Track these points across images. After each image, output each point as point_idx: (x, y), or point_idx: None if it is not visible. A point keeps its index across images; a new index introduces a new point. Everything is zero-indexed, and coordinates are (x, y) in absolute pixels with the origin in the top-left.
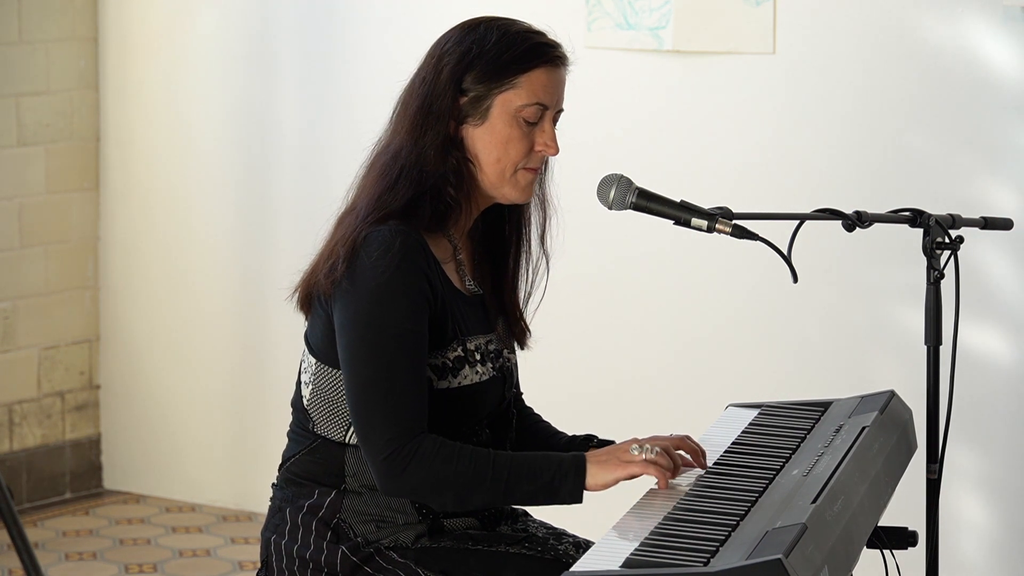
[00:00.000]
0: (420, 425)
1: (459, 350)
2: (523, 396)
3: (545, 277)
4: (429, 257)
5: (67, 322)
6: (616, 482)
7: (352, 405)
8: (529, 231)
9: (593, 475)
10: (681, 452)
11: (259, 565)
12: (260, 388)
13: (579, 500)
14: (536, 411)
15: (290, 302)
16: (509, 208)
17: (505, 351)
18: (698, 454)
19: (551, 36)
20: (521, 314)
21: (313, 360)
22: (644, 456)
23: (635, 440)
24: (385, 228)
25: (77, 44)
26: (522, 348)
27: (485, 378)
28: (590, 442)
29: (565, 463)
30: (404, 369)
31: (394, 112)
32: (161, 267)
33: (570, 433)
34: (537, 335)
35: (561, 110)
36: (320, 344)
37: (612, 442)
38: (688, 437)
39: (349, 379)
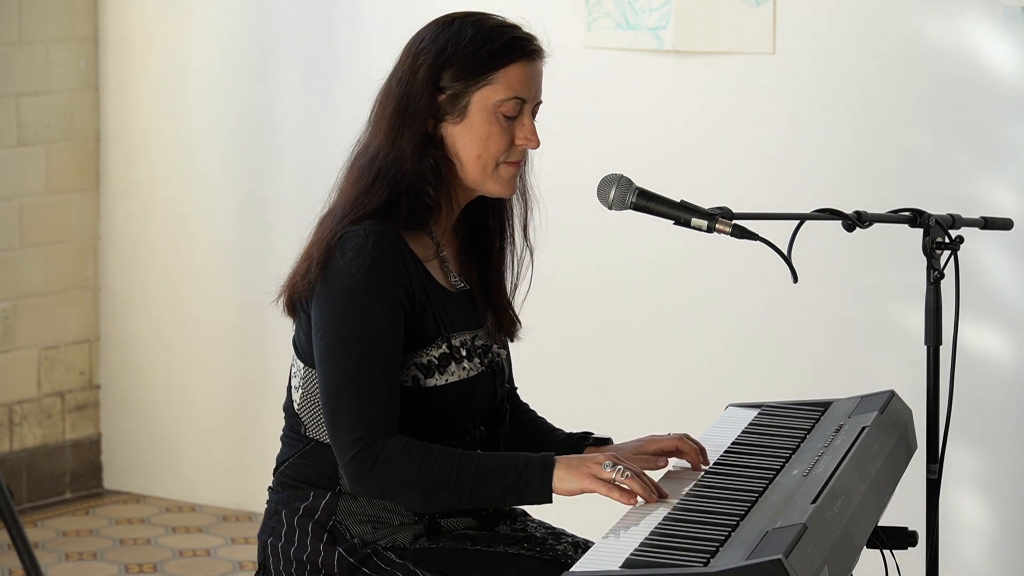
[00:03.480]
0: (388, 425)
1: (444, 347)
2: (518, 391)
3: (530, 268)
4: (406, 256)
5: (67, 322)
6: (581, 492)
7: (323, 405)
8: (512, 223)
9: (560, 479)
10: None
11: (257, 568)
12: (260, 388)
13: (548, 500)
14: (532, 407)
15: (277, 306)
16: (491, 201)
17: (494, 346)
18: (696, 452)
19: (526, 29)
20: (509, 305)
21: (301, 364)
22: (614, 476)
23: (613, 455)
24: (359, 228)
25: (77, 44)
26: (512, 340)
27: (473, 373)
28: (586, 439)
29: (532, 463)
30: (374, 369)
31: (372, 112)
32: (161, 267)
33: (567, 431)
34: (538, 334)
35: (540, 102)
36: (306, 348)
37: (609, 439)
38: (686, 435)
39: (321, 379)
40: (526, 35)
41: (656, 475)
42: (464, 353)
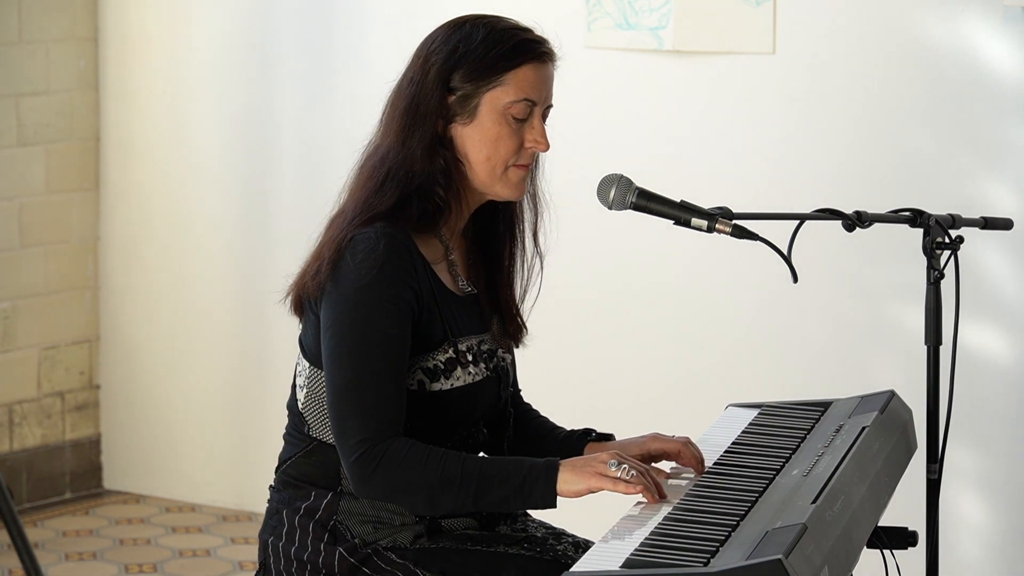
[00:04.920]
0: (394, 428)
1: (450, 351)
2: (521, 393)
3: (540, 274)
4: (416, 259)
5: (67, 322)
6: (588, 491)
7: (329, 406)
8: (522, 228)
9: (565, 481)
10: (665, 468)
11: (258, 567)
12: (260, 388)
13: (552, 505)
14: (535, 408)
15: (284, 305)
16: (501, 206)
17: (500, 351)
18: (697, 461)
19: (538, 32)
20: (517, 311)
21: (307, 363)
22: (619, 474)
23: (618, 453)
24: (370, 230)
25: (77, 44)
26: (517, 346)
27: (479, 378)
28: (588, 436)
29: (537, 468)
30: (381, 372)
31: (383, 114)
32: (161, 267)
33: (568, 428)
34: (538, 335)
35: (550, 106)
36: (313, 347)
37: (611, 436)
38: (688, 441)
39: (328, 380)
40: (538, 38)
41: None
42: (470, 358)
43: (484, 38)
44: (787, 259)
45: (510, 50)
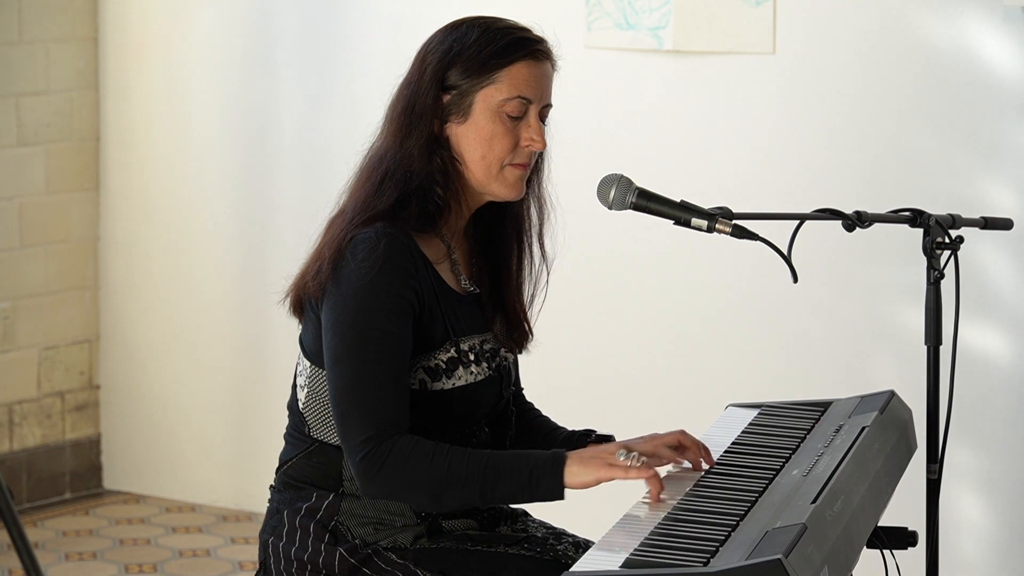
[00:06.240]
0: (398, 426)
1: (452, 351)
2: (523, 392)
3: (546, 280)
4: (417, 258)
5: (67, 322)
6: (597, 482)
7: (333, 405)
8: (529, 231)
9: (573, 473)
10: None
11: (258, 567)
12: (260, 388)
13: (560, 497)
14: (536, 407)
15: (284, 305)
16: (507, 207)
17: (502, 350)
18: (697, 447)
19: (535, 32)
20: (525, 317)
21: (308, 363)
22: (629, 463)
23: (624, 444)
24: (371, 230)
25: (77, 44)
26: (520, 352)
27: (481, 378)
28: (588, 437)
29: (543, 461)
30: (383, 371)
31: (383, 116)
32: (161, 267)
33: (570, 429)
34: (537, 334)
35: (549, 105)
36: (313, 347)
37: (612, 437)
38: (683, 432)
39: (330, 379)
40: (533, 36)
41: (660, 472)
42: (472, 357)
43: (479, 37)
44: (787, 259)
45: (504, 47)
